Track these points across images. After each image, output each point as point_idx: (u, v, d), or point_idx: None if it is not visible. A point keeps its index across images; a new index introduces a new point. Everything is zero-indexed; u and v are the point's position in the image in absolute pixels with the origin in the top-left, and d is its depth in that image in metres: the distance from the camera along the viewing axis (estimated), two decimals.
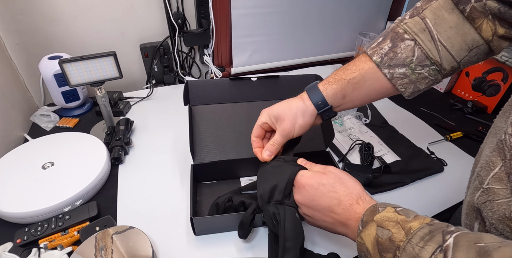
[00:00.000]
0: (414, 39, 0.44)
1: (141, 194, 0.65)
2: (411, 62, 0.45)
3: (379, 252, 0.35)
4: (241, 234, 0.52)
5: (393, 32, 0.47)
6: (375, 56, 0.47)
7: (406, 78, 0.46)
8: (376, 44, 0.48)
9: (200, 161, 0.63)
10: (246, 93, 0.69)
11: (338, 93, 0.48)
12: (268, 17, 1.04)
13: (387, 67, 0.46)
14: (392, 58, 0.45)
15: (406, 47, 0.45)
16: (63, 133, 0.75)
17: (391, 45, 0.46)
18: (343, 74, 0.49)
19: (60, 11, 0.83)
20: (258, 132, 0.53)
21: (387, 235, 0.34)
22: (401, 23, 0.46)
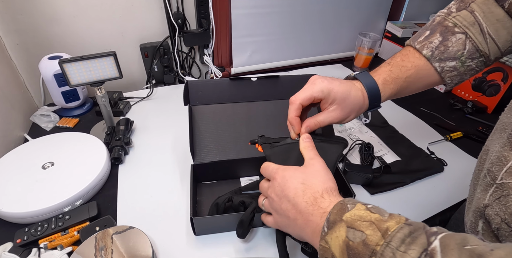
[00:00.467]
0: (465, 32, 0.45)
1: (141, 194, 0.65)
2: (462, 55, 0.45)
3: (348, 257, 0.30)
4: (240, 233, 0.52)
5: (442, 26, 0.47)
6: (425, 50, 0.47)
7: (455, 70, 0.47)
8: (423, 38, 0.48)
9: (200, 161, 0.63)
10: (246, 93, 0.69)
11: (393, 94, 0.49)
12: (268, 17, 1.05)
13: (438, 60, 0.46)
14: (443, 52, 0.46)
15: (458, 40, 0.45)
16: (63, 133, 0.75)
17: (442, 39, 0.46)
18: (400, 72, 0.48)
19: (60, 11, 0.83)
20: (307, 102, 0.46)
21: (360, 238, 0.30)
22: (449, 17, 0.47)
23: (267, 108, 0.70)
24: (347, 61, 1.26)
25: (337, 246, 0.31)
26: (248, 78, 0.68)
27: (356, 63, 1.18)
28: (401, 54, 0.50)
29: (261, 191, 0.44)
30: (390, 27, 1.25)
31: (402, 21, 1.29)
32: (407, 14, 1.28)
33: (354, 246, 0.30)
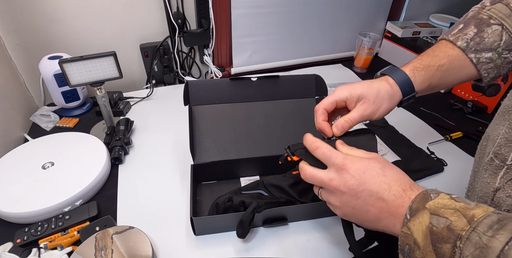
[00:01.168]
0: (501, 23, 0.44)
1: (141, 194, 0.65)
2: (499, 46, 0.45)
3: (432, 243, 0.30)
4: (240, 233, 0.52)
5: (476, 19, 0.47)
6: (460, 41, 0.46)
7: (491, 62, 0.46)
8: (457, 31, 0.47)
9: (200, 161, 0.63)
10: (246, 93, 0.69)
11: (426, 80, 0.47)
12: (268, 17, 1.04)
13: (474, 51, 0.45)
14: (478, 43, 0.45)
15: (494, 31, 0.45)
16: (63, 133, 0.75)
17: (477, 31, 0.46)
18: (432, 60, 0.47)
19: (61, 11, 0.83)
20: (330, 106, 0.46)
21: (444, 224, 0.30)
22: (483, 10, 0.47)
23: (267, 108, 0.70)
24: (347, 61, 1.26)
25: (420, 232, 0.31)
26: (248, 78, 0.68)
27: (356, 63, 1.18)
28: (434, 46, 0.49)
29: (313, 181, 0.41)
30: (390, 27, 1.25)
31: (402, 21, 1.29)
32: (407, 14, 1.28)
33: (438, 231, 0.30)
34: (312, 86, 0.72)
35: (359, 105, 0.45)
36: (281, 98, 0.71)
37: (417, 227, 0.31)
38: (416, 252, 0.31)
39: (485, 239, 0.27)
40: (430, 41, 1.19)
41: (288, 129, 0.69)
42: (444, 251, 0.29)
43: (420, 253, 0.31)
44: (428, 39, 1.21)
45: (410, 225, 0.32)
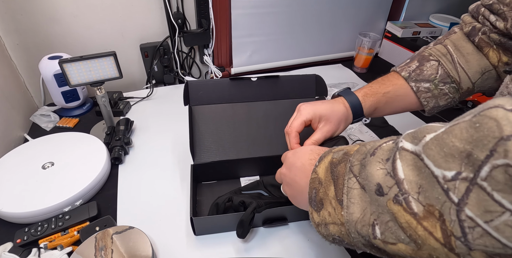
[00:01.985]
0: (438, 60, 0.52)
1: (141, 194, 0.65)
2: (435, 78, 0.52)
3: (331, 171, 0.33)
4: (240, 233, 0.52)
5: (420, 55, 0.55)
6: (404, 72, 0.54)
7: (429, 92, 0.52)
8: (404, 64, 0.56)
9: (200, 161, 0.63)
10: (246, 93, 0.69)
11: (373, 105, 0.54)
12: (268, 17, 1.04)
13: (414, 81, 0.53)
14: (418, 74, 0.53)
15: (431, 66, 0.52)
16: (63, 133, 0.75)
17: (418, 64, 0.54)
18: (379, 87, 0.55)
19: (61, 11, 0.83)
20: (301, 128, 0.52)
21: (342, 153, 0.34)
22: (426, 49, 0.55)
23: (267, 108, 0.70)
24: (347, 61, 1.26)
25: (323, 170, 0.34)
26: (248, 78, 0.68)
27: (356, 63, 1.18)
28: (384, 76, 0.57)
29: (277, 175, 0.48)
30: (390, 27, 1.25)
31: (402, 21, 1.29)
32: (407, 14, 1.28)
33: (336, 160, 0.34)
34: (312, 86, 0.72)
35: (322, 126, 0.51)
36: (281, 98, 0.71)
37: (322, 167, 0.35)
38: (320, 191, 0.33)
39: (369, 147, 0.31)
40: (430, 41, 1.19)
41: None
42: (339, 171, 0.32)
43: (323, 188, 0.33)
44: (428, 39, 1.21)
45: (317, 169, 0.35)
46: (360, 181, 0.29)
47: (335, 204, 0.31)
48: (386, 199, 0.26)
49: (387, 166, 0.27)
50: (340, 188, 0.31)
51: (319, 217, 0.33)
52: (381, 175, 0.27)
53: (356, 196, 0.29)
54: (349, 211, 0.29)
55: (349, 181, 0.30)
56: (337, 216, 0.31)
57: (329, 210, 0.32)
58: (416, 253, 0.25)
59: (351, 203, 0.29)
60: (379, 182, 0.27)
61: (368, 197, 0.28)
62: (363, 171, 0.29)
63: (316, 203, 0.34)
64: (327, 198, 0.32)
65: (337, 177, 0.32)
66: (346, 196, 0.30)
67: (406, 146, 0.26)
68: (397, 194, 0.25)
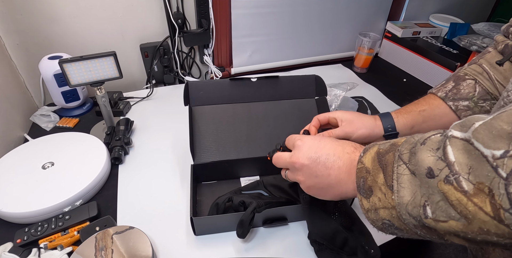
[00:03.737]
0: (475, 78, 0.53)
1: (141, 194, 0.65)
2: (474, 96, 0.52)
3: (379, 160, 0.34)
4: (240, 233, 0.52)
5: (455, 76, 0.55)
6: (440, 92, 0.54)
7: (469, 110, 0.52)
8: (440, 85, 0.56)
9: (200, 161, 0.63)
10: (246, 93, 0.69)
11: (408, 123, 0.54)
12: (268, 17, 1.04)
13: (452, 100, 0.53)
14: (455, 93, 0.53)
15: (468, 84, 0.52)
16: (63, 133, 0.75)
17: (454, 84, 0.54)
18: (414, 106, 0.55)
19: (60, 11, 0.83)
20: (323, 119, 0.55)
21: (389, 144, 0.35)
22: (461, 70, 0.55)
23: (267, 108, 0.70)
24: (347, 61, 1.26)
25: (370, 159, 0.35)
26: (248, 79, 0.68)
27: (356, 63, 1.18)
28: (420, 98, 0.57)
29: (279, 162, 0.46)
30: (390, 27, 1.25)
31: (402, 21, 1.29)
32: (407, 14, 1.28)
33: (383, 150, 0.35)
34: (312, 87, 0.72)
35: (343, 126, 0.53)
36: (281, 98, 0.71)
37: (368, 157, 0.36)
38: (368, 179, 0.35)
39: (417, 138, 0.32)
40: (430, 41, 1.19)
41: (288, 129, 0.69)
42: (387, 159, 0.33)
43: (371, 176, 0.34)
44: (428, 39, 1.21)
45: (363, 159, 0.36)
46: (410, 168, 0.31)
47: (385, 190, 0.32)
48: (437, 180, 0.28)
49: (437, 153, 0.29)
50: (389, 175, 0.32)
51: (368, 203, 0.35)
52: (432, 160, 0.29)
53: (406, 181, 0.30)
54: (400, 194, 0.31)
55: (399, 168, 0.31)
56: (387, 200, 0.32)
57: (379, 196, 0.33)
58: (467, 228, 0.26)
59: (402, 187, 0.31)
60: (430, 166, 0.28)
61: (418, 181, 0.29)
62: (413, 158, 0.30)
63: (365, 191, 0.35)
64: (376, 185, 0.34)
65: (385, 165, 0.33)
66: (396, 181, 0.31)
67: (456, 134, 0.28)
68: (448, 175, 0.27)
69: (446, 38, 1.22)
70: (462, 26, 1.20)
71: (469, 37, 1.14)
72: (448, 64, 1.04)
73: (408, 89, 1.09)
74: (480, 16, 1.58)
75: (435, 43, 1.17)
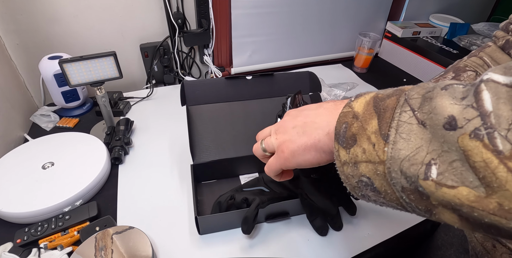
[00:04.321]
0: (475, 70, 0.51)
1: (141, 194, 0.65)
2: None
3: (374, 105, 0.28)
4: (245, 229, 0.52)
5: (454, 67, 0.54)
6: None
7: None
8: (439, 76, 0.55)
9: (199, 161, 0.63)
10: (242, 91, 0.69)
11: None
12: (268, 17, 1.05)
13: None
14: None
15: (469, 76, 0.51)
16: (63, 133, 0.75)
17: (454, 75, 0.52)
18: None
19: (60, 11, 0.83)
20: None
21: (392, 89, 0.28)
22: (460, 62, 0.54)
23: (264, 106, 0.70)
24: (347, 61, 1.26)
25: (362, 103, 0.29)
26: (244, 77, 0.69)
27: (356, 63, 1.18)
28: None
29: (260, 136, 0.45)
30: (390, 27, 1.25)
31: (402, 21, 1.29)
32: (407, 14, 1.28)
33: (383, 95, 0.28)
34: (306, 83, 0.72)
35: None
36: (276, 95, 0.71)
37: (361, 101, 0.29)
38: (353, 126, 0.29)
39: (435, 83, 0.25)
40: (430, 41, 1.19)
41: None
42: (387, 104, 0.27)
43: (358, 122, 0.28)
44: (428, 39, 1.21)
45: (353, 103, 0.30)
46: (419, 116, 0.24)
47: (376, 139, 0.26)
48: (458, 133, 0.21)
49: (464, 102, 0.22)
50: (386, 122, 0.26)
51: (347, 155, 0.29)
52: (456, 108, 0.22)
53: (410, 132, 0.24)
54: (396, 146, 0.25)
55: (403, 115, 0.25)
56: (375, 152, 0.26)
57: (364, 147, 0.27)
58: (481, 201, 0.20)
59: (401, 138, 0.25)
60: (452, 114, 0.22)
61: (429, 133, 0.23)
62: (427, 104, 0.24)
63: (345, 140, 0.29)
64: (364, 133, 0.27)
65: (384, 110, 0.27)
66: (394, 130, 0.25)
67: (497, 78, 0.21)
68: (478, 128, 0.20)
69: (446, 38, 1.22)
70: (462, 26, 1.20)
71: (469, 37, 1.14)
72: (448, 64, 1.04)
73: None
74: (480, 16, 1.58)
75: (435, 43, 1.17)
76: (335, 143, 0.30)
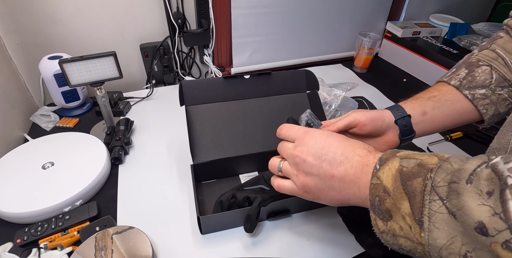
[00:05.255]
0: (490, 64, 0.48)
1: (141, 194, 0.65)
2: (491, 83, 0.47)
3: (402, 183, 0.29)
4: (248, 227, 0.52)
5: (466, 63, 0.50)
6: (453, 80, 0.49)
7: (487, 98, 0.47)
8: (450, 73, 0.51)
9: (199, 161, 0.63)
10: (240, 91, 0.69)
11: (417, 107, 0.48)
12: (268, 17, 1.04)
13: (467, 88, 0.47)
14: (471, 81, 0.48)
15: (484, 71, 0.48)
16: (63, 133, 0.75)
17: (468, 71, 0.49)
18: (422, 94, 0.51)
19: (60, 11, 0.83)
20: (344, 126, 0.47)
21: (415, 163, 0.29)
22: (472, 56, 0.50)
23: (262, 105, 0.70)
24: (347, 61, 1.26)
25: (389, 177, 0.30)
26: (241, 76, 0.69)
27: (356, 63, 1.18)
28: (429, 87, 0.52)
29: (281, 151, 0.41)
30: (390, 27, 1.25)
31: (402, 21, 1.29)
32: (407, 14, 1.28)
33: (407, 170, 0.29)
34: (303, 81, 0.72)
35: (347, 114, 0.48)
36: (274, 94, 0.71)
37: (387, 173, 0.30)
38: (386, 201, 0.30)
39: (457, 166, 0.27)
40: (430, 41, 1.19)
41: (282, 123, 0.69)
42: (415, 186, 0.28)
43: (391, 199, 0.29)
44: (428, 39, 1.21)
45: (380, 173, 0.31)
46: (449, 207, 0.25)
47: (411, 222, 0.28)
48: (490, 241, 0.23)
49: (491, 202, 0.23)
50: (418, 207, 0.27)
51: (385, 226, 0.30)
52: (485, 213, 0.23)
53: (442, 221, 0.26)
54: (432, 235, 0.26)
55: (433, 204, 0.26)
56: (413, 234, 0.28)
57: (401, 225, 0.29)
58: None
59: (436, 228, 0.26)
60: (482, 221, 0.23)
61: (461, 227, 0.25)
62: (455, 199, 0.25)
63: (381, 212, 0.30)
64: (399, 212, 0.29)
65: (413, 193, 0.28)
66: (428, 218, 0.26)
67: None
68: (508, 240, 0.22)
69: (446, 38, 1.22)
70: (462, 26, 1.20)
71: (469, 37, 1.14)
72: (448, 64, 1.04)
73: (408, 89, 1.09)
74: (480, 16, 1.58)
75: (435, 43, 1.17)
76: (371, 213, 0.31)
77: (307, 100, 0.73)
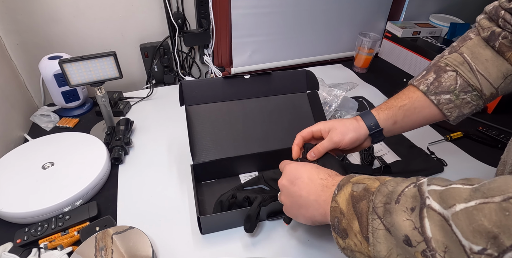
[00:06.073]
0: (456, 70, 0.51)
1: (141, 194, 0.65)
2: (455, 89, 0.51)
3: (353, 206, 0.35)
4: (248, 227, 0.52)
5: (435, 66, 0.54)
6: (422, 86, 0.53)
7: (451, 103, 0.51)
8: (420, 77, 0.54)
9: (199, 161, 0.64)
10: (240, 91, 0.69)
11: (389, 118, 0.53)
12: (268, 17, 1.04)
13: (434, 94, 0.52)
14: (437, 87, 0.52)
15: (449, 77, 0.51)
16: (63, 133, 0.75)
17: (435, 76, 0.52)
18: (394, 101, 0.54)
19: (60, 11, 0.83)
20: (306, 134, 0.56)
21: (362, 187, 0.35)
22: (441, 59, 0.54)
23: (261, 105, 0.70)
24: (347, 61, 1.26)
25: (344, 200, 0.36)
26: (241, 76, 0.69)
27: (356, 63, 1.18)
28: (401, 91, 0.56)
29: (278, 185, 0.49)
30: (390, 27, 1.25)
31: (402, 21, 1.29)
32: (407, 14, 1.28)
33: (356, 194, 0.35)
34: (303, 81, 0.72)
35: (329, 134, 0.53)
36: (274, 94, 0.72)
37: (342, 197, 0.37)
38: (342, 221, 0.36)
39: (391, 188, 0.33)
40: (430, 41, 1.19)
41: (282, 124, 0.70)
42: (361, 208, 0.34)
43: (346, 220, 0.35)
44: (428, 39, 1.21)
45: (337, 198, 0.37)
46: (386, 224, 0.31)
47: (361, 239, 0.33)
48: (414, 250, 0.28)
49: (413, 217, 0.29)
50: (364, 226, 0.33)
51: (344, 243, 0.36)
52: (408, 227, 0.29)
53: (382, 236, 0.31)
54: (376, 249, 0.32)
55: (374, 222, 0.32)
56: (363, 248, 0.33)
57: (355, 241, 0.34)
58: None
59: (378, 242, 0.31)
60: (407, 234, 0.29)
61: (395, 240, 0.30)
62: (389, 217, 0.31)
63: (340, 231, 0.36)
64: (352, 230, 0.34)
65: (360, 214, 0.34)
66: (372, 234, 0.32)
67: (434, 206, 0.28)
68: (425, 250, 0.28)
69: (446, 38, 1.22)
70: (462, 26, 1.20)
71: None
72: None
73: None
74: None
75: (435, 43, 1.17)
76: (332, 232, 0.38)
77: (307, 100, 0.73)
